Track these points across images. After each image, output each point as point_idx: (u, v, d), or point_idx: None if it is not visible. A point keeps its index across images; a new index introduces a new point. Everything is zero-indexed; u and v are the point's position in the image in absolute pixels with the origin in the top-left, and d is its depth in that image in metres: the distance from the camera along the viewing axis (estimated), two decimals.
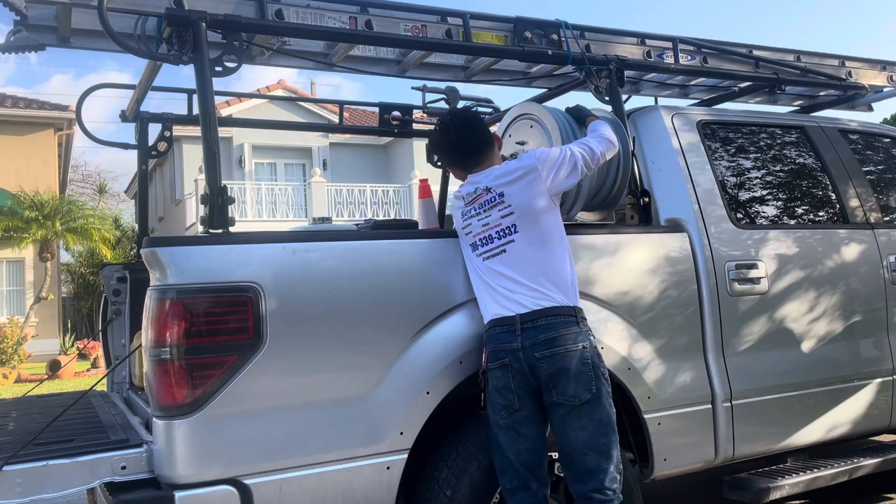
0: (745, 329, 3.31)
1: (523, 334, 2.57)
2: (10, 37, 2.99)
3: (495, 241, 2.66)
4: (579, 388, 2.54)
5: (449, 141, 2.90)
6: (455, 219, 2.82)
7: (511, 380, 2.58)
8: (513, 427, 2.58)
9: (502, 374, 2.59)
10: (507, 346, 2.58)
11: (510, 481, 2.58)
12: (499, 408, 2.60)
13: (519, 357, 2.57)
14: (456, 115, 3.13)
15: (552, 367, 2.55)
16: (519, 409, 2.58)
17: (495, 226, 2.67)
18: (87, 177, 29.60)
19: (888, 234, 3.88)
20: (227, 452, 2.31)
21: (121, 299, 3.87)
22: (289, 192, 22.92)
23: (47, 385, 11.69)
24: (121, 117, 4.06)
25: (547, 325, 2.57)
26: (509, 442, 2.58)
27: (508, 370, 2.58)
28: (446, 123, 2.93)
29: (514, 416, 2.58)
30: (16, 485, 2.19)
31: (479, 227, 2.70)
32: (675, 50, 3.79)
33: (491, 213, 2.69)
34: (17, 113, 19.21)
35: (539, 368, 2.56)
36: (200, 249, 2.40)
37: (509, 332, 2.59)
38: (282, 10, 3.06)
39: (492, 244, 2.67)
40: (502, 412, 2.59)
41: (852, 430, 3.60)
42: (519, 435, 2.57)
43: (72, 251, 23.23)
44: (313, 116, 22.41)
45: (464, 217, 2.76)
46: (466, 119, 2.94)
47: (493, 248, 2.66)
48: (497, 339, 2.61)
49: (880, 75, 4.61)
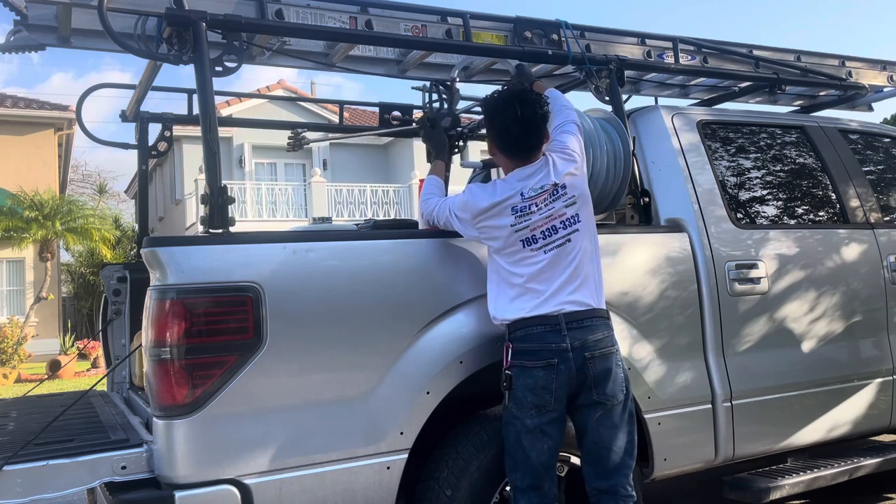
0: (745, 329, 3.31)
1: (571, 334, 2.54)
2: (10, 37, 2.99)
3: (560, 231, 2.61)
4: (616, 389, 2.60)
5: (527, 115, 2.65)
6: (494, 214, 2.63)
7: (554, 380, 2.53)
8: (540, 427, 2.54)
9: (544, 375, 2.53)
10: (553, 346, 2.54)
11: (523, 480, 2.55)
12: (528, 407, 2.54)
13: (568, 358, 2.54)
14: (528, 91, 2.84)
15: (598, 367, 2.58)
16: (552, 409, 2.55)
17: (559, 216, 2.61)
18: (87, 177, 29.65)
19: (888, 234, 3.88)
20: (228, 452, 2.31)
21: (121, 299, 3.87)
22: (289, 192, 22.92)
23: (47, 385, 11.68)
24: (121, 117, 4.06)
25: (593, 325, 2.59)
26: (532, 441, 2.54)
27: (553, 371, 2.53)
28: (525, 96, 2.69)
29: (545, 417, 2.54)
30: (16, 485, 2.19)
31: (541, 219, 2.60)
32: (675, 50, 3.79)
33: (554, 204, 2.62)
34: (17, 113, 19.19)
35: (587, 369, 2.56)
36: (200, 249, 2.40)
37: (554, 331, 2.55)
38: (282, 10, 3.06)
39: (555, 235, 2.60)
40: (531, 411, 2.54)
41: (852, 430, 3.60)
42: (545, 435, 2.55)
43: (72, 251, 23.25)
44: (313, 116, 22.39)
45: (521, 213, 2.60)
46: (539, 98, 2.75)
47: (556, 239, 2.60)
48: (541, 338, 2.55)
49: (880, 75, 4.61)
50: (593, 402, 2.58)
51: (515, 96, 2.72)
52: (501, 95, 2.77)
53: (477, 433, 2.71)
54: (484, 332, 2.71)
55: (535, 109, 2.68)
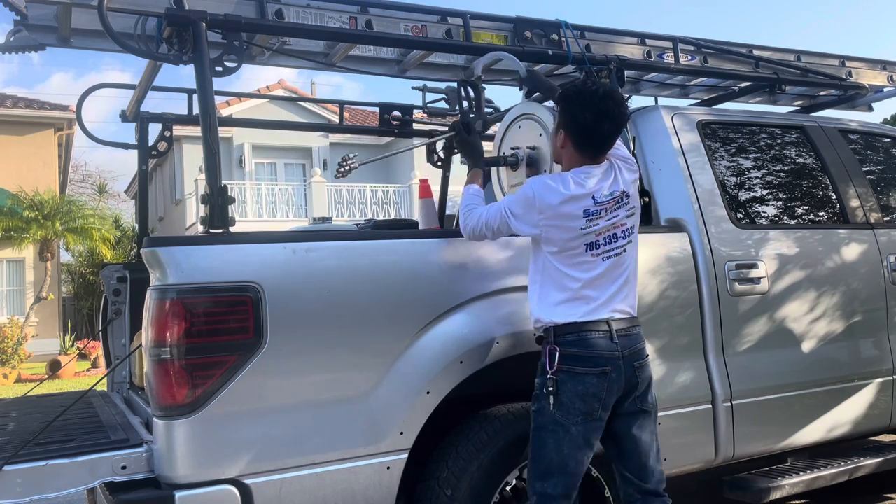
0: (745, 329, 3.31)
1: (621, 342, 2.54)
2: (10, 37, 3.00)
3: (620, 240, 2.60)
4: (652, 395, 2.66)
5: (621, 114, 2.63)
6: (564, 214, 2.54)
7: (605, 389, 2.50)
8: (584, 435, 2.49)
9: (598, 382, 2.49)
10: (608, 354, 2.51)
11: (556, 488, 2.48)
12: (576, 414, 2.48)
13: (620, 366, 2.53)
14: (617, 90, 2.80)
15: (644, 375, 2.61)
16: (599, 418, 2.51)
17: (620, 225, 2.60)
18: (87, 177, 29.65)
19: (888, 234, 3.88)
20: (228, 452, 2.31)
21: (121, 299, 3.87)
22: (289, 192, 22.93)
23: (47, 385, 11.69)
24: (121, 117, 4.05)
25: (637, 334, 2.61)
26: (574, 450, 2.48)
27: (606, 379, 2.50)
28: (617, 96, 2.67)
29: (590, 425, 2.50)
30: (16, 485, 2.19)
31: (606, 226, 2.57)
32: (675, 50, 3.79)
33: (618, 212, 2.60)
34: (17, 113, 19.19)
35: (635, 378, 2.57)
36: (200, 249, 2.40)
37: (606, 338, 2.53)
38: (282, 10, 3.06)
39: (616, 243, 2.59)
40: (578, 419, 2.48)
41: (852, 430, 3.60)
42: (586, 444, 2.51)
43: (72, 251, 23.24)
44: (313, 116, 22.40)
45: (591, 217, 2.55)
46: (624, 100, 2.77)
47: (615, 248, 2.59)
48: (595, 344, 2.51)
49: (880, 75, 4.62)
50: (637, 410, 2.60)
51: (609, 95, 2.63)
52: (595, 91, 2.65)
53: (477, 433, 2.71)
54: (484, 333, 2.71)
55: (625, 110, 2.67)
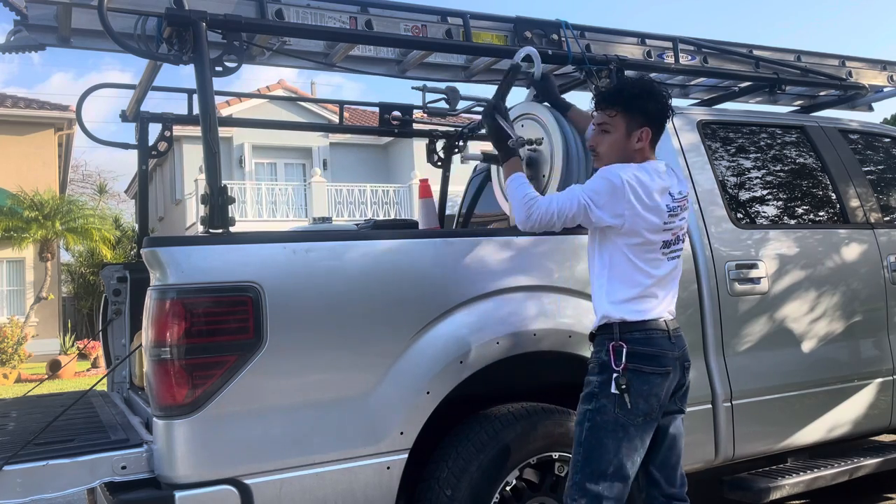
0: (745, 329, 3.31)
1: (674, 343, 2.54)
2: (10, 37, 2.99)
3: (679, 242, 2.62)
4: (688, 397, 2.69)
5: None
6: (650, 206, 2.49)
7: (664, 389, 2.50)
8: (641, 436, 2.48)
9: (660, 382, 2.49)
10: (670, 354, 2.51)
11: (612, 490, 2.42)
12: (637, 414, 2.45)
13: (677, 367, 2.54)
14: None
15: (688, 378, 2.63)
16: (655, 418, 2.50)
17: (680, 228, 2.62)
18: (87, 177, 29.68)
19: (888, 234, 3.88)
20: (228, 452, 2.32)
21: (121, 299, 3.87)
22: (289, 192, 22.93)
23: (47, 385, 11.69)
24: (121, 117, 4.05)
25: (682, 335, 2.61)
26: (631, 451, 2.45)
27: (667, 379, 2.50)
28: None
29: (647, 426, 2.48)
30: (16, 485, 2.19)
31: (677, 226, 2.58)
32: (676, 50, 3.79)
33: (684, 213, 2.62)
34: (17, 113, 19.20)
35: (684, 379, 2.60)
36: (200, 249, 2.40)
37: (666, 338, 2.52)
38: (282, 10, 3.06)
39: (678, 245, 2.61)
40: (639, 419, 2.46)
41: (852, 430, 3.60)
42: (642, 444, 2.49)
43: (72, 251, 23.25)
44: (313, 116, 22.41)
45: (671, 213, 2.55)
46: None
47: (677, 250, 2.61)
48: (660, 344, 2.50)
49: (880, 75, 4.61)
50: (676, 411, 2.61)
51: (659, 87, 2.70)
52: (654, 83, 2.76)
53: (477, 433, 2.70)
54: (484, 333, 2.71)
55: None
